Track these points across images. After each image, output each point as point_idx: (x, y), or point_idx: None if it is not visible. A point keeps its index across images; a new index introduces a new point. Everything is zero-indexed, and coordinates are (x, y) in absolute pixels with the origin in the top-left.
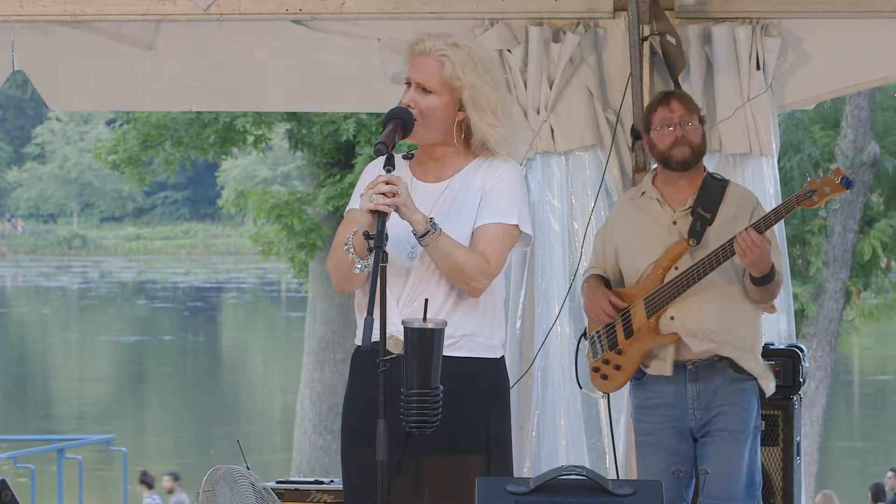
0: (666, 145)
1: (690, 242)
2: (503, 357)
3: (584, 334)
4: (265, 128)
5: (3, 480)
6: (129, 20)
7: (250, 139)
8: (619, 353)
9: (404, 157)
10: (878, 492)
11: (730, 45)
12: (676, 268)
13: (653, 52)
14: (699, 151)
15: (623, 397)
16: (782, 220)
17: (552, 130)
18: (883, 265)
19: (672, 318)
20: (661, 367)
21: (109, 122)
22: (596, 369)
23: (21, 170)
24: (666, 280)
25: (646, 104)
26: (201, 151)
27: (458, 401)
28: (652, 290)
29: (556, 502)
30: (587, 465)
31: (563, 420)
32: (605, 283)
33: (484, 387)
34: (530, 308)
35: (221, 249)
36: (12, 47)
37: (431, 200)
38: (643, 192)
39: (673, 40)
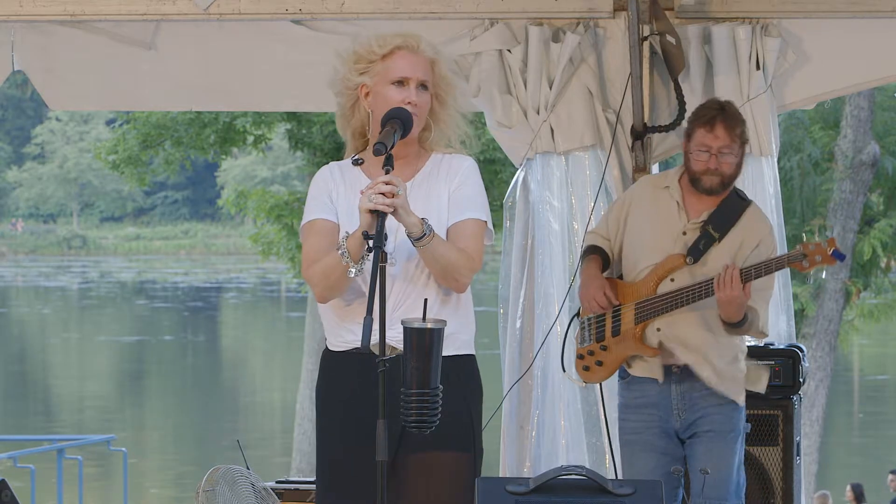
0: (698, 170)
1: (687, 260)
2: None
3: (578, 314)
4: (265, 128)
5: (3, 480)
6: (128, 20)
7: (250, 139)
8: (605, 349)
9: (354, 163)
10: (859, 493)
11: (730, 45)
12: (672, 279)
13: (653, 52)
14: (729, 181)
15: None
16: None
17: (552, 130)
18: (883, 265)
19: (658, 329)
20: (647, 369)
21: (109, 122)
22: (580, 357)
23: (21, 170)
24: (659, 290)
25: (696, 110)
26: (201, 151)
27: (447, 399)
28: (644, 298)
29: (556, 502)
30: (587, 465)
31: (563, 420)
32: (603, 261)
33: (468, 383)
34: (530, 308)
35: (221, 249)
36: (12, 47)
37: None
38: (667, 187)
39: (673, 40)
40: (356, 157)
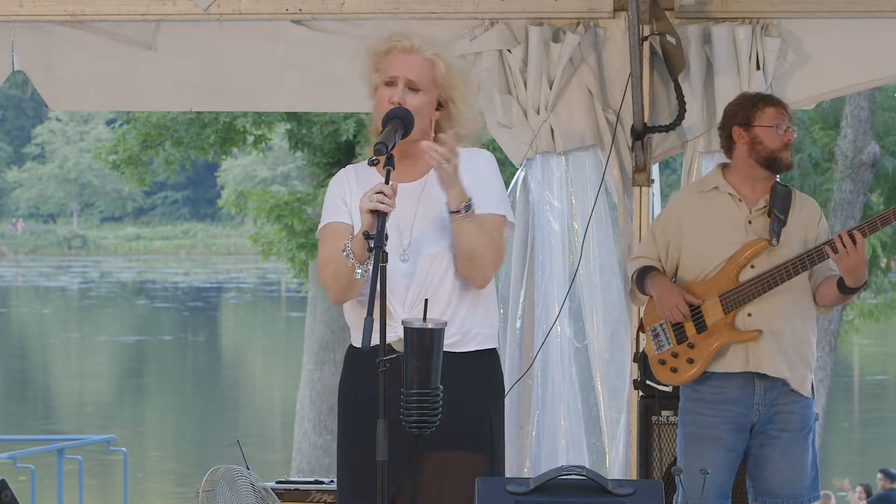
0: (778, 146)
1: (772, 242)
2: (496, 348)
3: (641, 327)
4: (265, 128)
5: (3, 480)
6: (128, 20)
7: (250, 139)
8: (692, 346)
9: (370, 164)
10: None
11: (730, 45)
12: (752, 266)
13: (653, 52)
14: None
15: (623, 397)
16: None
17: (552, 130)
18: (883, 265)
19: (749, 314)
20: (729, 364)
21: (109, 122)
22: (662, 361)
23: (21, 170)
24: (741, 278)
25: (740, 100)
26: (201, 151)
27: (464, 397)
28: (728, 288)
29: (556, 502)
30: (587, 465)
31: (563, 420)
32: None
33: (487, 383)
34: (530, 308)
35: (221, 249)
36: (12, 47)
37: (413, 199)
38: (715, 187)
39: (673, 40)
40: (372, 157)
